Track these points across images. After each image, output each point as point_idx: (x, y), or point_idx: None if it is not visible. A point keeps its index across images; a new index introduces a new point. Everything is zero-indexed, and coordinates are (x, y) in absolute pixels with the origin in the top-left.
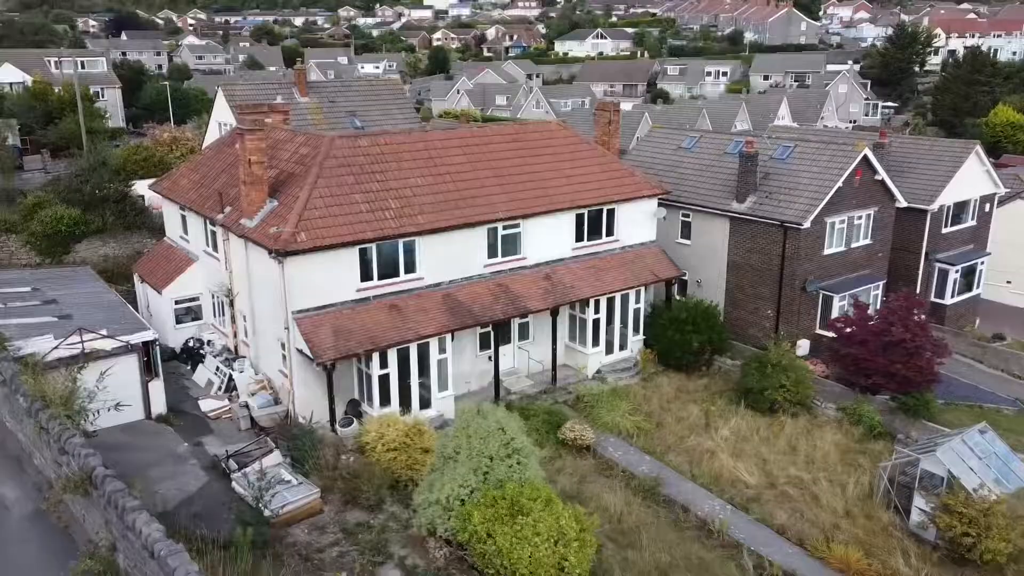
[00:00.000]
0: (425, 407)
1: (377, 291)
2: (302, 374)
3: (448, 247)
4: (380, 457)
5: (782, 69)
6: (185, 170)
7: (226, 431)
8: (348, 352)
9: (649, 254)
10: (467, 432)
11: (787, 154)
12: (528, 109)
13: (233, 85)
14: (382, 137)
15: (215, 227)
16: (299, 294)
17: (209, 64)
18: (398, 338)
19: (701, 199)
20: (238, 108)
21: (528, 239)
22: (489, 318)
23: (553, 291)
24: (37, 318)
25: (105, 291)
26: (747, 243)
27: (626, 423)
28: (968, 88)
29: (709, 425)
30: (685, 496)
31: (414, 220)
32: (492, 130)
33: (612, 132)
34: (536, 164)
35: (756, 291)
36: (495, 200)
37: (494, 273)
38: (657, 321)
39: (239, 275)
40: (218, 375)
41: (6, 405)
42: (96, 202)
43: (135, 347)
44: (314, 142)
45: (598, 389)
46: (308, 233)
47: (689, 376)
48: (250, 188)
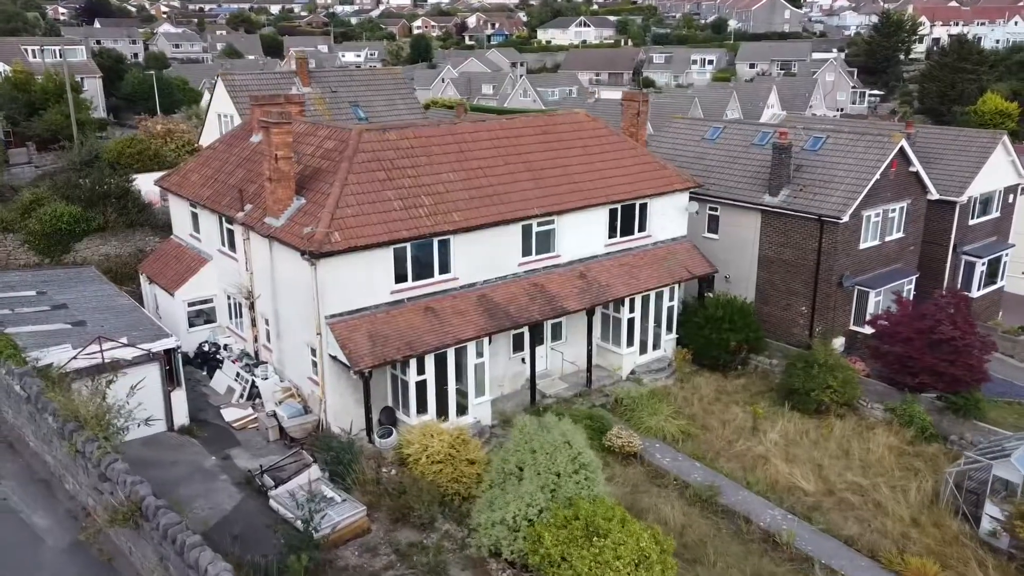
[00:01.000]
0: (462, 413)
1: (411, 293)
2: (335, 381)
3: (482, 246)
4: (424, 470)
5: (768, 57)
6: (195, 165)
7: (254, 442)
8: (386, 359)
9: (681, 250)
10: (530, 446)
11: (819, 145)
12: (515, 98)
13: (233, 75)
14: (410, 130)
15: (233, 225)
16: (332, 297)
17: (186, 53)
18: (436, 343)
19: (730, 192)
20: (253, 99)
21: (561, 236)
22: (526, 320)
23: (588, 290)
24: (49, 325)
25: (115, 294)
26: (780, 237)
27: (670, 427)
28: (954, 76)
29: (756, 428)
30: (743, 505)
31: (449, 218)
32: (521, 122)
33: (640, 123)
34: (568, 157)
35: (789, 287)
36: (529, 196)
37: (528, 272)
38: (691, 319)
39: (261, 276)
40: (239, 382)
41: (31, 424)
42: (96, 198)
43: (156, 355)
44: (340, 135)
45: (636, 391)
46: (342, 233)
47: (725, 376)
48: (276, 185)
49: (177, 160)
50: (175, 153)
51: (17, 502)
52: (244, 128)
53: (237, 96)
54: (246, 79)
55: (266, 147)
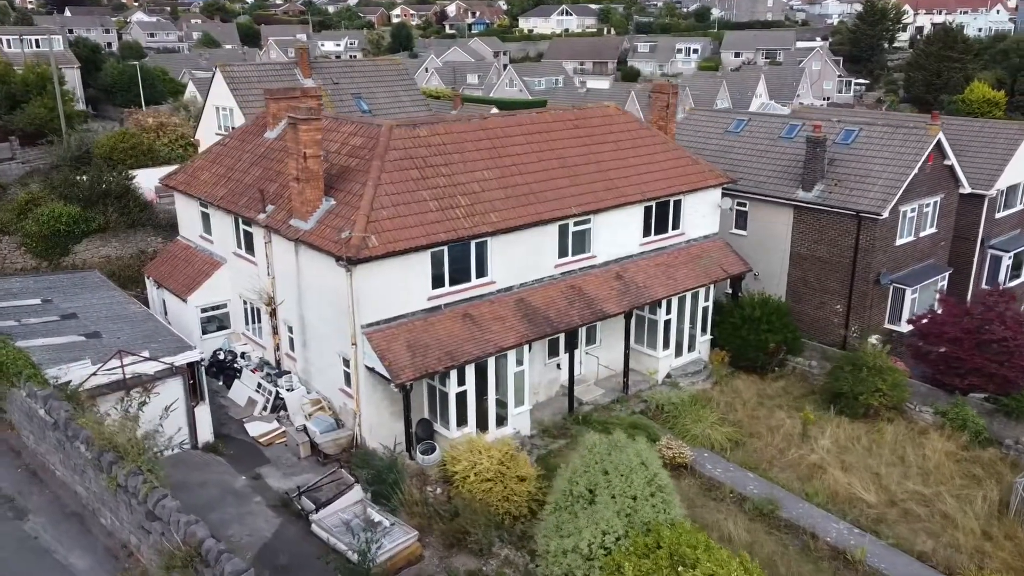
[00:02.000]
0: (501, 424)
1: (449, 299)
2: (370, 393)
3: (520, 247)
4: (472, 488)
5: (752, 46)
6: (203, 162)
7: (284, 459)
8: (427, 371)
9: (714, 248)
10: (601, 467)
11: (851, 138)
12: (501, 88)
13: (232, 67)
14: (440, 125)
15: (252, 227)
16: (368, 305)
17: (162, 42)
18: (478, 352)
19: (759, 187)
20: (267, 93)
21: (597, 236)
22: (566, 325)
23: (627, 292)
24: (62, 337)
25: (125, 300)
26: (814, 234)
27: (717, 435)
28: (940, 65)
29: (806, 435)
30: (806, 519)
31: (487, 219)
32: (552, 116)
33: (670, 116)
34: (601, 152)
35: (823, 285)
36: (565, 194)
37: (564, 274)
38: (727, 320)
39: (285, 282)
40: (261, 393)
41: (58, 453)
42: (96, 197)
43: (180, 369)
44: (367, 131)
45: (677, 397)
46: (378, 237)
47: (763, 378)
48: (305, 185)
49: (171, 155)
50: (168, 148)
51: (49, 540)
52: (256, 123)
53: (237, 88)
54: (246, 71)
55: (292, 145)
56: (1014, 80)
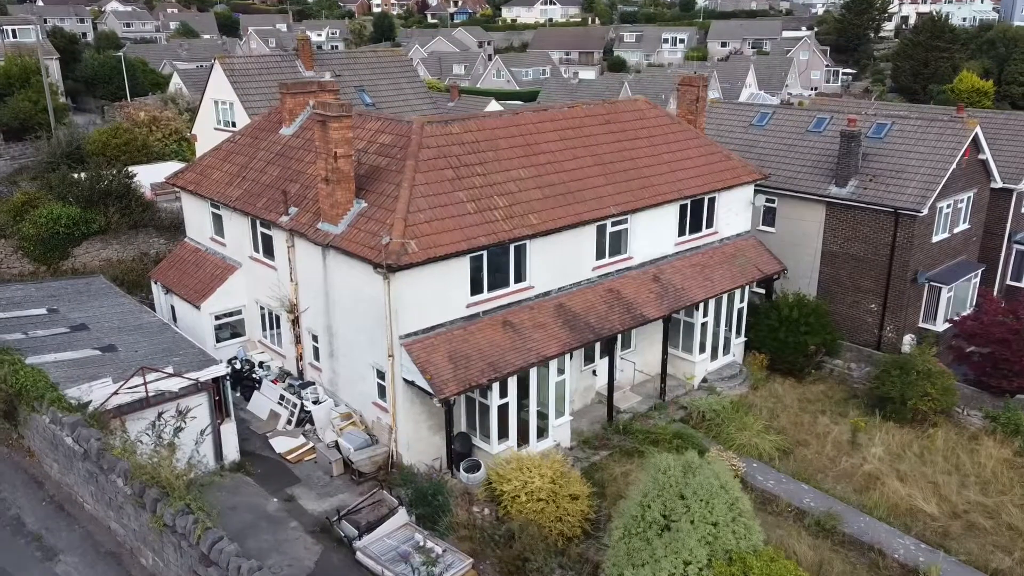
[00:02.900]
0: (541, 436)
1: (487, 305)
2: (408, 407)
3: (558, 250)
4: (522, 508)
5: (739, 36)
6: (213, 160)
7: (315, 478)
8: (470, 383)
9: (748, 247)
10: (676, 490)
11: (884, 132)
12: (488, 79)
13: (231, 59)
14: (472, 121)
15: (271, 230)
16: (407, 314)
17: (138, 32)
18: (521, 362)
19: (789, 183)
20: (283, 87)
21: (634, 236)
22: (608, 331)
23: (664, 294)
24: (74, 352)
25: (136, 309)
26: (847, 231)
27: (764, 444)
28: (927, 54)
29: (856, 442)
30: (870, 534)
31: (526, 220)
32: (583, 110)
33: (699, 110)
34: (635, 149)
35: (857, 283)
36: (602, 193)
37: (601, 277)
38: (763, 321)
39: (310, 288)
40: (284, 405)
41: (88, 485)
42: (97, 197)
43: (205, 385)
44: (397, 128)
45: (718, 403)
46: (418, 242)
47: (800, 381)
48: (335, 187)
49: (165, 151)
50: (162, 143)
51: None
52: (270, 118)
53: (237, 81)
54: (245, 63)
55: (321, 144)
56: (1000, 70)
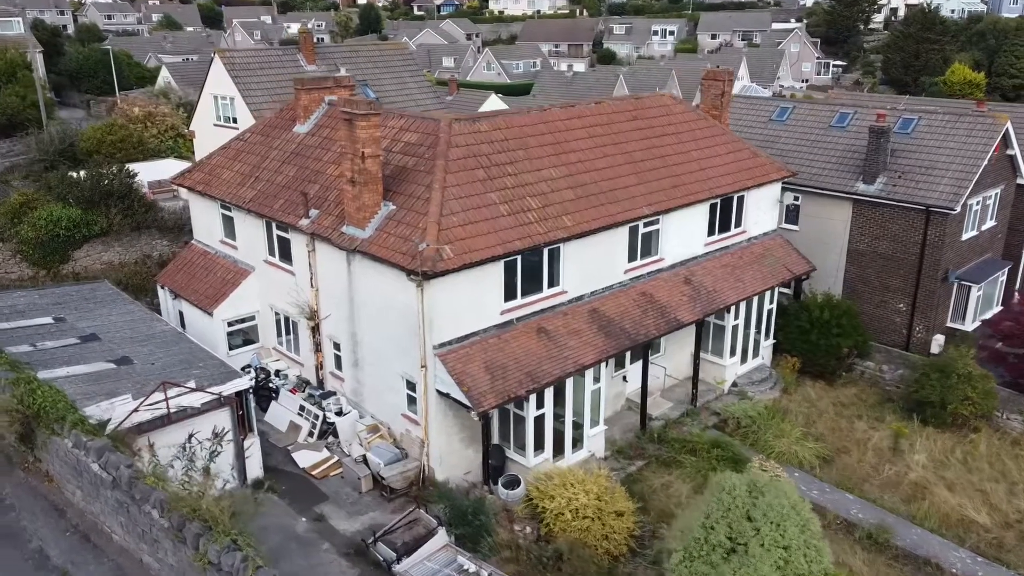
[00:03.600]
0: (576, 447)
1: (521, 312)
2: (440, 420)
3: (591, 252)
4: (566, 527)
5: (729, 28)
6: (223, 159)
7: (344, 495)
8: (508, 396)
9: (775, 246)
10: (743, 511)
11: (911, 127)
12: (478, 71)
13: (232, 53)
14: (500, 118)
15: (289, 234)
16: (441, 323)
17: (120, 24)
18: (558, 371)
19: (814, 180)
20: (297, 82)
21: (666, 237)
22: (644, 336)
23: (697, 297)
24: (88, 365)
25: (147, 316)
26: (875, 229)
27: (803, 451)
28: (918, 46)
29: (897, 449)
30: (924, 547)
31: (560, 223)
32: (610, 106)
33: (724, 105)
34: (664, 146)
35: (884, 283)
36: (634, 193)
37: (633, 279)
38: (793, 323)
39: (332, 294)
40: (305, 417)
41: (118, 515)
42: (98, 198)
43: (228, 400)
44: (423, 127)
45: (752, 409)
46: (452, 246)
47: (831, 384)
48: (362, 189)
49: (162, 147)
50: (158, 139)
51: None
52: (282, 115)
53: (238, 75)
54: (246, 57)
55: (348, 143)
56: (991, 62)
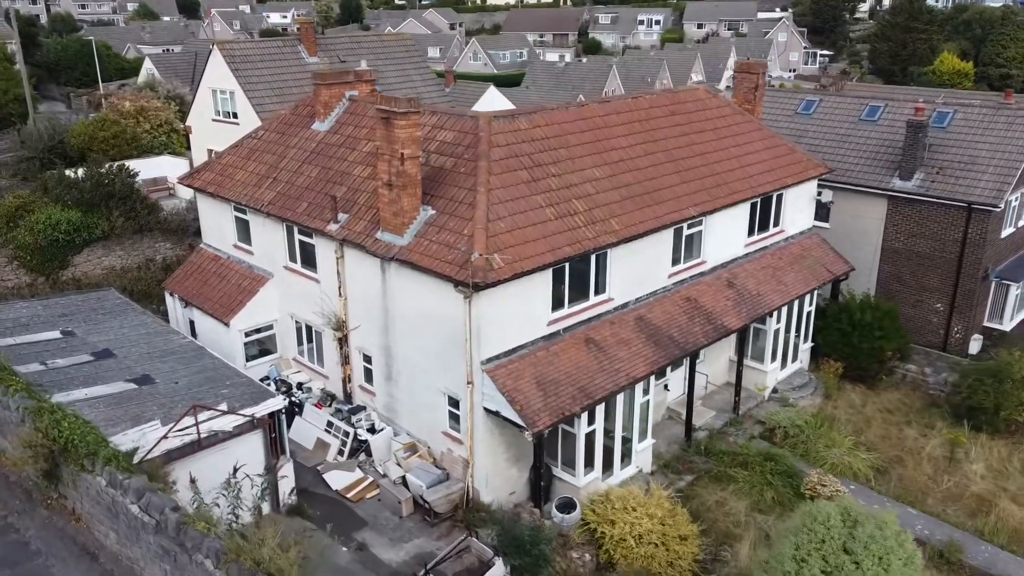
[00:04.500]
0: (624, 462)
1: (568, 322)
2: (487, 439)
3: (637, 257)
4: (629, 554)
5: (715, 17)
6: (235, 158)
7: (383, 520)
8: (563, 413)
9: (813, 245)
10: (839, 543)
11: (947, 121)
12: (465, 62)
13: (231, 45)
14: (539, 115)
15: (313, 239)
16: (489, 337)
17: (95, 14)
18: (611, 385)
19: (847, 176)
20: (316, 77)
21: (708, 239)
22: (693, 345)
23: (742, 302)
24: (106, 386)
25: (162, 329)
26: (911, 227)
27: (856, 462)
28: (905, 36)
29: (953, 458)
30: (997, 566)
31: (608, 226)
32: (647, 100)
33: (757, 99)
34: (703, 143)
35: (921, 282)
36: (679, 193)
37: (676, 284)
38: (833, 326)
39: (363, 304)
40: (333, 434)
41: (162, 562)
42: (99, 199)
43: (261, 422)
44: (458, 124)
45: (798, 417)
46: (501, 254)
47: (872, 389)
48: (401, 192)
49: (155, 143)
50: (151, 135)
51: None
52: (298, 112)
53: (239, 68)
54: (245, 49)
55: (384, 143)
56: (977, 51)
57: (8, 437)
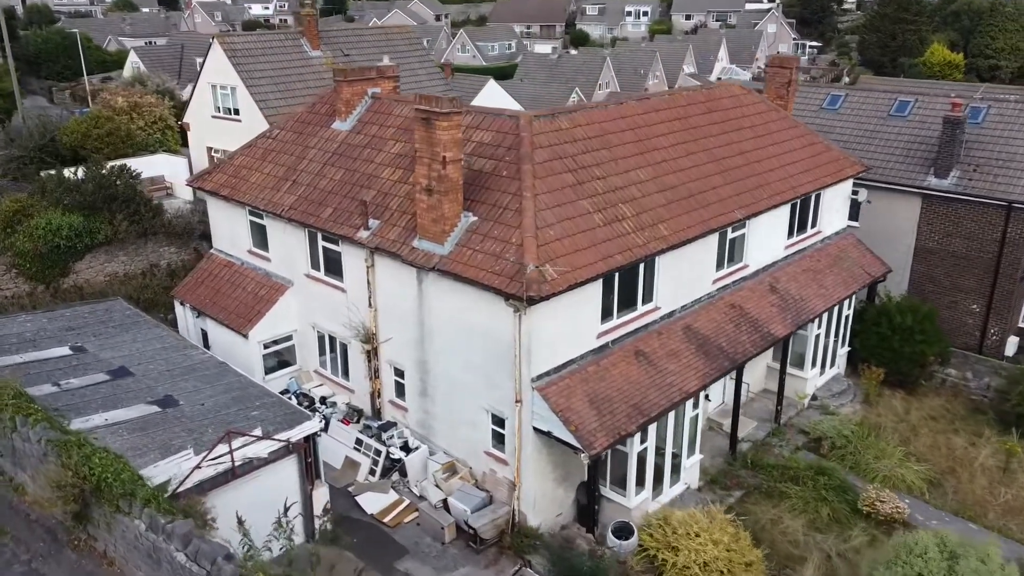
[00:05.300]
0: (673, 479)
1: (616, 333)
2: (535, 459)
3: (684, 262)
4: None
5: (703, 8)
6: (248, 159)
7: (424, 547)
8: (619, 433)
9: (849, 246)
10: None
11: (981, 117)
12: (453, 54)
13: (231, 38)
14: (579, 113)
15: (340, 246)
16: (539, 352)
17: (72, 5)
18: (665, 401)
19: (878, 173)
20: (338, 74)
21: (751, 241)
22: (742, 355)
23: (786, 307)
24: (127, 409)
25: (179, 343)
26: (947, 226)
27: (908, 474)
28: (895, 27)
29: (1008, 468)
30: None
31: (657, 232)
32: (683, 97)
33: (790, 95)
34: (743, 142)
35: (956, 282)
36: (723, 195)
37: (720, 290)
38: (872, 329)
39: (396, 316)
40: (364, 452)
41: None
42: (102, 203)
43: (296, 446)
44: (496, 125)
45: (842, 426)
46: (553, 264)
47: (912, 394)
48: (442, 198)
49: (150, 140)
50: (145, 132)
51: None
52: (315, 110)
53: (240, 63)
54: (247, 42)
55: (423, 146)
56: (966, 42)
57: (28, 471)
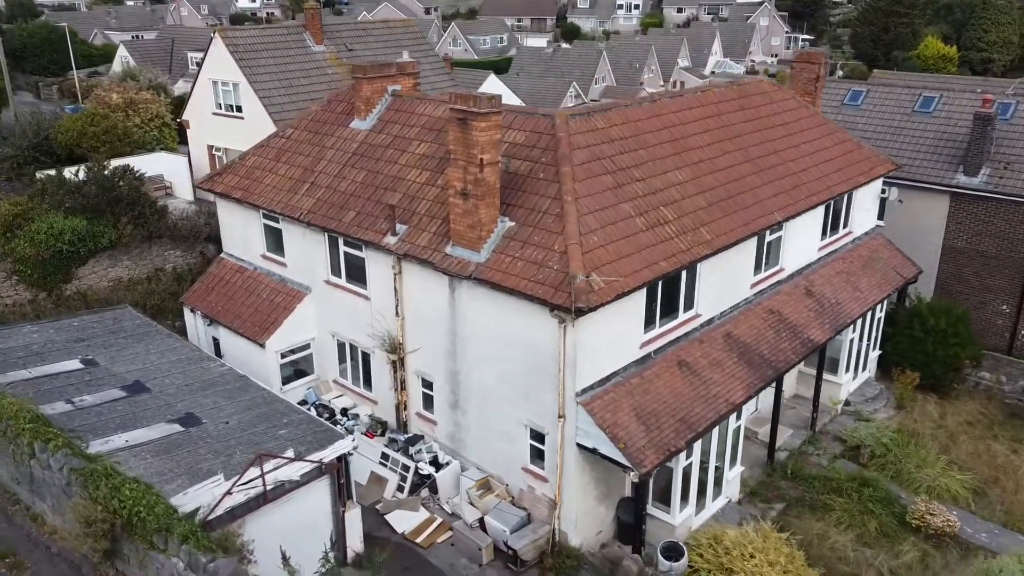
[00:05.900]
0: (715, 492)
1: (658, 343)
2: (578, 477)
3: (724, 267)
4: None
5: (695, 1)
6: (260, 160)
7: (460, 569)
8: (668, 449)
9: (879, 246)
10: None
11: (1010, 113)
12: (444, 47)
13: (233, 32)
14: (614, 112)
15: (364, 252)
16: (583, 365)
17: None
18: (712, 414)
19: (906, 171)
20: (355, 70)
21: (787, 244)
22: (785, 363)
23: (823, 311)
24: (147, 429)
25: (195, 355)
26: (976, 225)
27: (952, 484)
28: (887, 20)
29: None
30: None
31: (699, 236)
32: (716, 94)
33: (818, 91)
34: (776, 140)
35: (985, 283)
36: (761, 196)
37: (758, 295)
38: (904, 332)
39: (425, 325)
40: (391, 467)
41: None
42: (105, 205)
43: (329, 467)
44: (530, 124)
45: (880, 433)
46: (598, 272)
47: (945, 398)
48: (478, 203)
49: (147, 138)
50: (142, 129)
51: None
52: (330, 108)
53: (243, 58)
54: (249, 37)
55: (459, 148)
56: (959, 35)
57: (48, 500)
